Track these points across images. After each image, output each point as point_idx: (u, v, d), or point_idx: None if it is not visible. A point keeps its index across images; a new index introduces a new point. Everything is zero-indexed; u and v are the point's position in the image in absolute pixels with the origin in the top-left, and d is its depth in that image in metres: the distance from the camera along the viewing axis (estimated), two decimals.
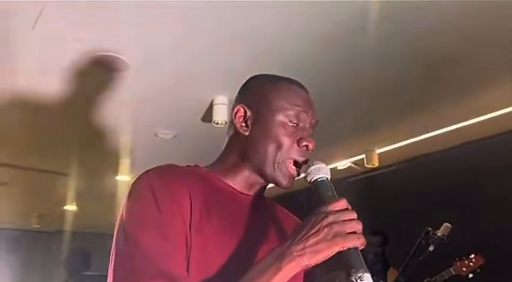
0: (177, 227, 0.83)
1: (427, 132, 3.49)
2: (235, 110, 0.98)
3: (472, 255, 2.78)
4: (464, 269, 2.76)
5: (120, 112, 3.17)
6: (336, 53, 2.44)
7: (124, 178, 4.27)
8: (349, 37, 2.26)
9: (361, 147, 3.85)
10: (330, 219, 0.77)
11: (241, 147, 0.96)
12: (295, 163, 0.93)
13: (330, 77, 2.68)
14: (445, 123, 3.34)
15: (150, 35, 2.27)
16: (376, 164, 3.87)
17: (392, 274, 3.05)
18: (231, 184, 0.96)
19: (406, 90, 2.83)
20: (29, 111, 3.08)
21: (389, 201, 4.01)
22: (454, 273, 2.77)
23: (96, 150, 3.84)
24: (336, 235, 0.75)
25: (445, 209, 3.36)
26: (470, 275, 2.74)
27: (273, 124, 0.93)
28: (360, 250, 0.76)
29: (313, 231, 0.77)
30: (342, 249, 0.75)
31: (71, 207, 5.78)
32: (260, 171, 0.95)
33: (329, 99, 2.92)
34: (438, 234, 2.65)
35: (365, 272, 0.74)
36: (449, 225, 2.67)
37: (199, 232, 0.85)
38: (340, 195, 0.82)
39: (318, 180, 0.86)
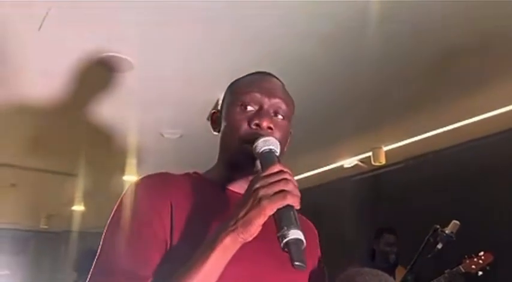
0: (148, 230, 0.84)
1: (435, 129, 3.46)
2: (211, 115, 1.05)
3: (482, 253, 2.76)
4: (473, 266, 2.74)
5: (126, 112, 3.18)
6: (339, 52, 2.43)
7: (131, 178, 4.29)
8: (352, 35, 2.26)
9: (367, 144, 3.83)
10: (257, 185, 0.75)
11: (219, 144, 1.00)
12: (248, 142, 0.90)
13: (334, 76, 2.67)
14: (454, 119, 3.31)
15: (155, 35, 2.27)
16: (383, 162, 3.84)
17: (400, 272, 3.03)
18: (227, 186, 0.97)
19: (413, 86, 2.82)
20: (36, 112, 3.09)
21: (397, 199, 3.99)
22: (463, 270, 2.75)
23: (103, 150, 3.86)
24: (262, 199, 0.73)
25: (454, 206, 3.35)
26: (480, 273, 2.72)
27: (229, 113, 0.96)
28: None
29: (243, 201, 0.76)
30: (272, 212, 0.73)
31: (78, 207, 5.81)
32: (228, 160, 0.95)
33: (334, 97, 2.92)
34: (446, 231, 2.63)
35: (291, 228, 0.71)
36: (457, 222, 2.65)
37: (184, 235, 0.85)
38: (346, 194, 0.82)
39: (263, 151, 0.85)
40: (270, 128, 0.90)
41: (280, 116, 0.94)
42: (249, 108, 0.93)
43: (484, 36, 2.27)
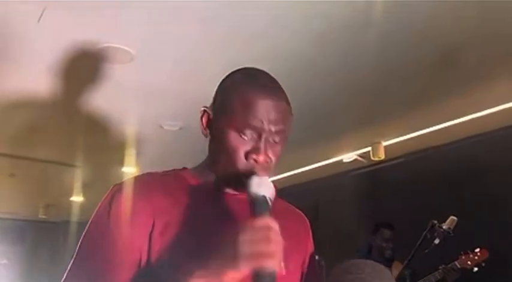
0: (121, 245, 0.84)
1: (435, 124, 3.47)
2: (201, 114, 0.98)
3: (478, 249, 2.78)
4: (469, 262, 2.76)
5: (126, 104, 3.17)
6: (336, 50, 2.44)
7: (130, 170, 4.29)
8: (348, 33, 2.27)
9: (367, 139, 3.83)
10: (242, 238, 0.74)
11: (209, 149, 0.97)
12: (244, 175, 0.86)
13: (332, 72, 2.68)
14: (453, 115, 3.31)
15: (155, 27, 2.27)
16: (383, 157, 3.84)
17: (397, 267, 3.05)
18: (220, 189, 0.95)
19: (413, 82, 2.82)
20: (35, 103, 3.09)
21: (395, 194, 3.99)
22: (459, 266, 2.77)
23: (102, 141, 3.86)
24: (240, 256, 0.73)
25: (452, 202, 3.35)
26: (475, 269, 2.74)
27: (225, 134, 0.89)
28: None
29: (224, 250, 0.76)
30: (247, 270, 0.73)
31: (77, 198, 5.82)
32: (221, 178, 0.93)
33: (333, 93, 2.92)
34: (444, 227, 2.64)
35: None
36: (455, 218, 2.66)
37: (166, 249, 0.84)
38: (345, 189, 0.81)
39: (256, 196, 0.82)
40: (268, 160, 0.88)
41: (278, 138, 0.89)
42: (248, 135, 0.87)
43: (483, 34, 2.27)
